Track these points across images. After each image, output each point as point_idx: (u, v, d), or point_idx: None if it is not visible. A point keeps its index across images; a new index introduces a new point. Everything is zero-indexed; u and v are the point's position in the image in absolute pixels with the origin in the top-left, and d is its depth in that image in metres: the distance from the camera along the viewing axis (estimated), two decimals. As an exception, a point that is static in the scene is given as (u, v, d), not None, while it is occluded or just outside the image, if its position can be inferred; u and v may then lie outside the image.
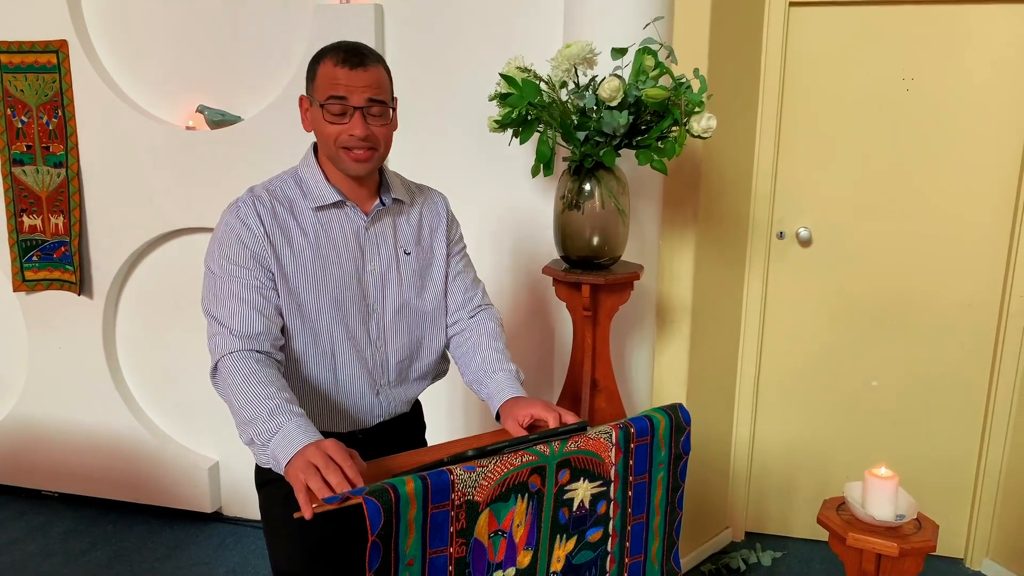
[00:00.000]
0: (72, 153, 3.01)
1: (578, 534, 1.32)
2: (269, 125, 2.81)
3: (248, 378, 1.36)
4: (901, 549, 1.70)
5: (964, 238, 2.74)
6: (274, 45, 2.82)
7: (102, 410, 3.22)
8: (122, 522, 3.21)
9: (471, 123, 2.63)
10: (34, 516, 3.25)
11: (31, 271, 3.15)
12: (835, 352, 2.93)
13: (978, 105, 2.65)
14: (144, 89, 2.99)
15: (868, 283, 2.85)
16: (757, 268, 2.91)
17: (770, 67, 2.75)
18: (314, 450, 1.23)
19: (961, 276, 2.76)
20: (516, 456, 1.22)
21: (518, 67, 2.03)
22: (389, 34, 2.73)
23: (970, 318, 2.78)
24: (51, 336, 3.23)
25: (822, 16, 2.71)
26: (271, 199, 1.53)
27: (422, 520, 1.13)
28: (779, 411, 3.03)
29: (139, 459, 3.22)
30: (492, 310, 1.73)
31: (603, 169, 2.11)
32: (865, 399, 2.93)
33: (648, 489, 1.38)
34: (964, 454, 2.88)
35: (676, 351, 2.75)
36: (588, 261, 2.20)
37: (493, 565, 1.22)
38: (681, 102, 1.92)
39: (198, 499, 3.19)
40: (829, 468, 3.00)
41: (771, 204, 2.86)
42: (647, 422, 1.36)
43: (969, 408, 2.84)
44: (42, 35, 2.94)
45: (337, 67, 1.46)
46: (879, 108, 2.73)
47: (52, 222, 3.08)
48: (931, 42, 2.64)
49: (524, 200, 2.70)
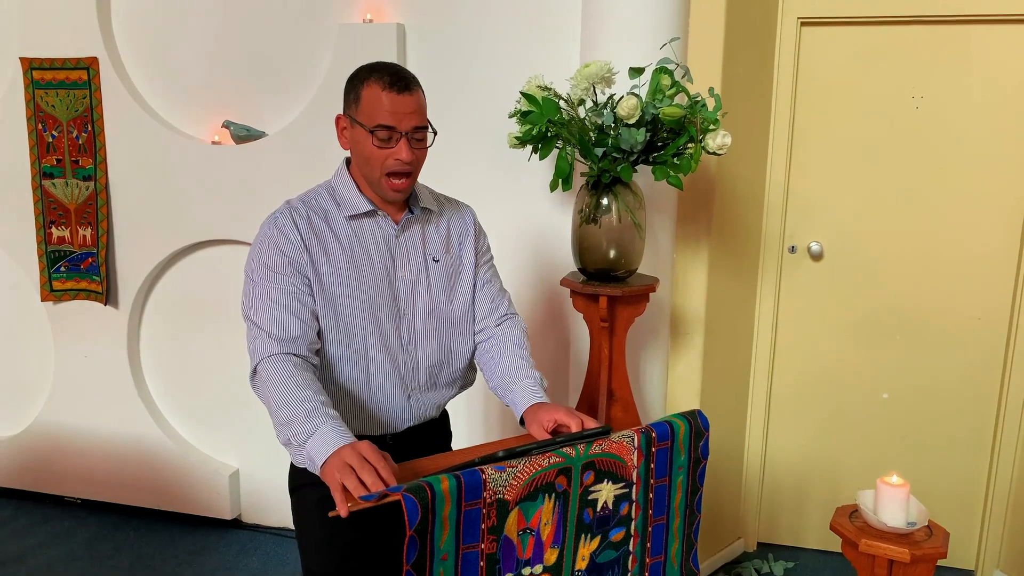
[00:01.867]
0: (101, 167, 3.10)
1: (601, 534, 1.37)
2: (292, 140, 2.89)
3: (286, 381, 1.42)
4: (913, 555, 1.75)
5: (974, 253, 2.79)
6: (298, 63, 2.91)
7: (126, 418, 3.29)
8: (144, 528, 3.27)
9: (491, 139, 2.69)
10: (58, 522, 3.31)
11: (59, 281, 3.23)
12: (846, 365, 2.97)
13: (986, 122, 2.70)
14: (171, 105, 3.08)
15: (879, 297, 2.90)
16: (769, 282, 2.97)
17: (782, 84, 2.82)
18: (349, 451, 1.29)
19: (971, 290, 2.81)
20: (544, 457, 1.28)
21: (538, 85, 2.10)
22: (411, 52, 2.80)
23: (980, 332, 2.82)
24: (77, 345, 3.31)
25: (833, 35, 2.77)
26: (307, 210, 1.60)
27: (456, 517, 1.18)
28: (791, 423, 3.07)
29: (161, 466, 3.28)
30: (517, 319, 1.79)
31: (620, 184, 2.17)
32: (876, 412, 2.97)
33: (668, 492, 1.43)
34: (975, 466, 2.91)
35: (689, 363, 2.80)
36: (605, 273, 2.26)
37: (522, 562, 1.28)
38: (697, 120, 1.98)
39: (218, 506, 3.25)
40: (841, 479, 3.04)
41: (783, 219, 2.92)
42: (668, 427, 1.42)
43: (980, 420, 2.88)
44: (73, 52, 3.03)
45: (384, 92, 1.52)
46: (889, 125, 2.78)
47: (80, 234, 3.17)
48: (940, 61, 2.70)
49: (541, 214, 2.77)
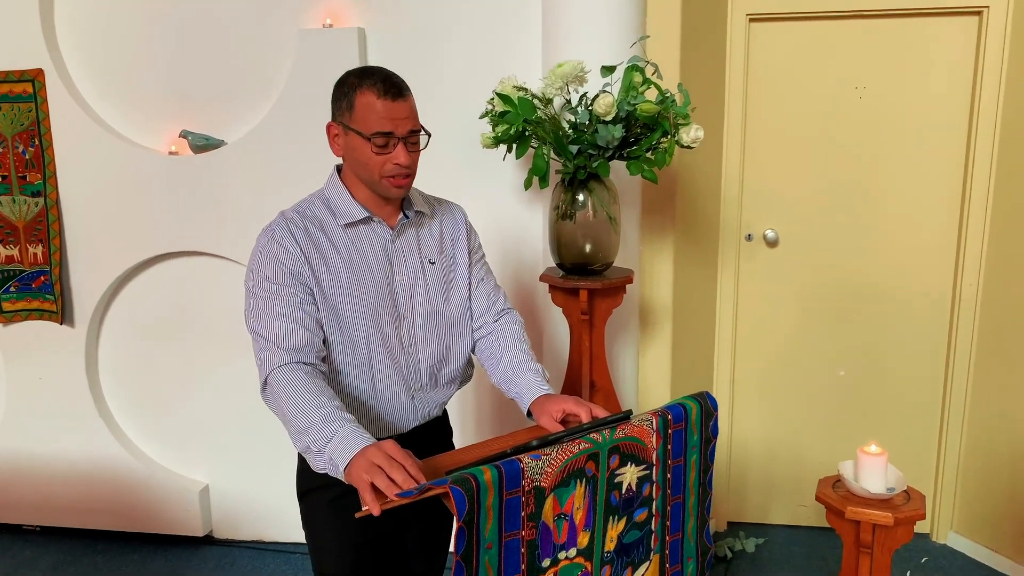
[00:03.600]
0: (50, 182, 3.00)
1: (627, 515, 1.42)
2: (253, 149, 2.85)
3: (299, 389, 1.43)
4: (896, 519, 1.86)
5: (918, 234, 2.95)
6: (258, 69, 2.87)
7: (86, 439, 3.19)
8: (113, 551, 3.18)
9: (457, 139, 2.71)
10: (19, 551, 3.19)
11: (8, 302, 3.11)
12: (804, 346, 3.10)
13: (927, 111, 2.87)
14: (124, 115, 3.00)
15: (832, 279, 3.04)
16: (729, 269, 3.08)
17: (734, 79, 2.92)
18: (375, 451, 1.31)
19: (917, 269, 2.97)
20: (574, 444, 1.32)
21: (514, 86, 2.14)
22: (371, 57, 2.80)
23: (927, 308, 2.99)
24: (30, 367, 3.19)
25: (780, 30, 2.90)
26: (303, 220, 1.59)
27: (498, 506, 1.21)
28: (755, 404, 3.19)
29: (127, 487, 3.19)
30: (514, 313, 1.82)
31: (595, 180, 2.23)
32: (834, 388, 3.11)
33: (684, 471, 1.49)
34: (927, 434, 3.08)
35: (659, 351, 2.89)
36: (582, 268, 2.32)
37: (558, 547, 1.32)
38: (671, 115, 2.06)
39: (190, 523, 3.18)
40: (804, 456, 3.17)
41: (740, 208, 3.03)
42: (681, 409, 1.48)
43: (929, 391, 3.04)
44: (17, 64, 2.93)
45: (380, 99, 1.52)
46: (835, 116, 2.92)
47: (31, 251, 3.06)
48: (881, 53, 2.85)
49: (509, 212, 2.81)
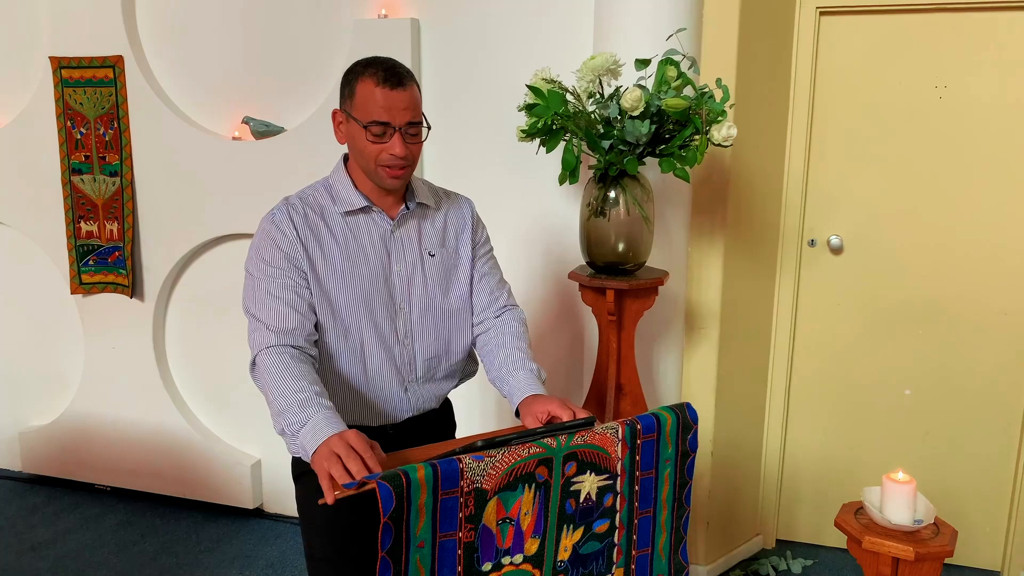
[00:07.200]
0: (127, 163, 3.17)
1: (585, 525, 1.37)
2: (310, 135, 2.92)
3: (282, 372, 1.45)
4: (917, 553, 1.72)
5: (998, 246, 2.72)
6: (315, 59, 2.94)
7: (152, 408, 3.37)
8: (170, 516, 3.35)
9: (503, 133, 2.69)
10: (88, 508, 3.41)
11: (87, 274, 3.32)
12: (868, 360, 2.92)
13: (1012, 112, 2.63)
14: (193, 101, 3.14)
15: (901, 291, 2.84)
16: (788, 276, 2.92)
17: (800, 75, 2.77)
18: (337, 440, 1.31)
19: (996, 285, 2.74)
20: (523, 448, 1.29)
21: (544, 78, 2.10)
22: (425, 47, 2.82)
23: (1005, 327, 2.75)
24: (105, 337, 3.40)
25: (853, 24, 2.72)
26: (303, 206, 1.63)
27: (432, 505, 1.20)
28: (811, 418, 3.02)
29: (186, 455, 3.35)
30: (517, 311, 1.79)
31: (628, 177, 2.16)
32: (898, 408, 2.91)
33: (655, 484, 1.42)
34: (1000, 464, 2.83)
35: (704, 357, 2.78)
36: (613, 267, 2.25)
37: (501, 551, 1.29)
38: (702, 111, 1.96)
39: (241, 495, 3.31)
40: (861, 476, 2.98)
41: (802, 212, 2.87)
42: (654, 419, 1.42)
43: (1005, 417, 2.80)
44: (100, 51, 3.11)
45: (378, 87, 1.53)
46: (911, 116, 2.72)
47: (107, 228, 3.25)
48: (964, 50, 2.63)
49: (553, 207, 2.76)
